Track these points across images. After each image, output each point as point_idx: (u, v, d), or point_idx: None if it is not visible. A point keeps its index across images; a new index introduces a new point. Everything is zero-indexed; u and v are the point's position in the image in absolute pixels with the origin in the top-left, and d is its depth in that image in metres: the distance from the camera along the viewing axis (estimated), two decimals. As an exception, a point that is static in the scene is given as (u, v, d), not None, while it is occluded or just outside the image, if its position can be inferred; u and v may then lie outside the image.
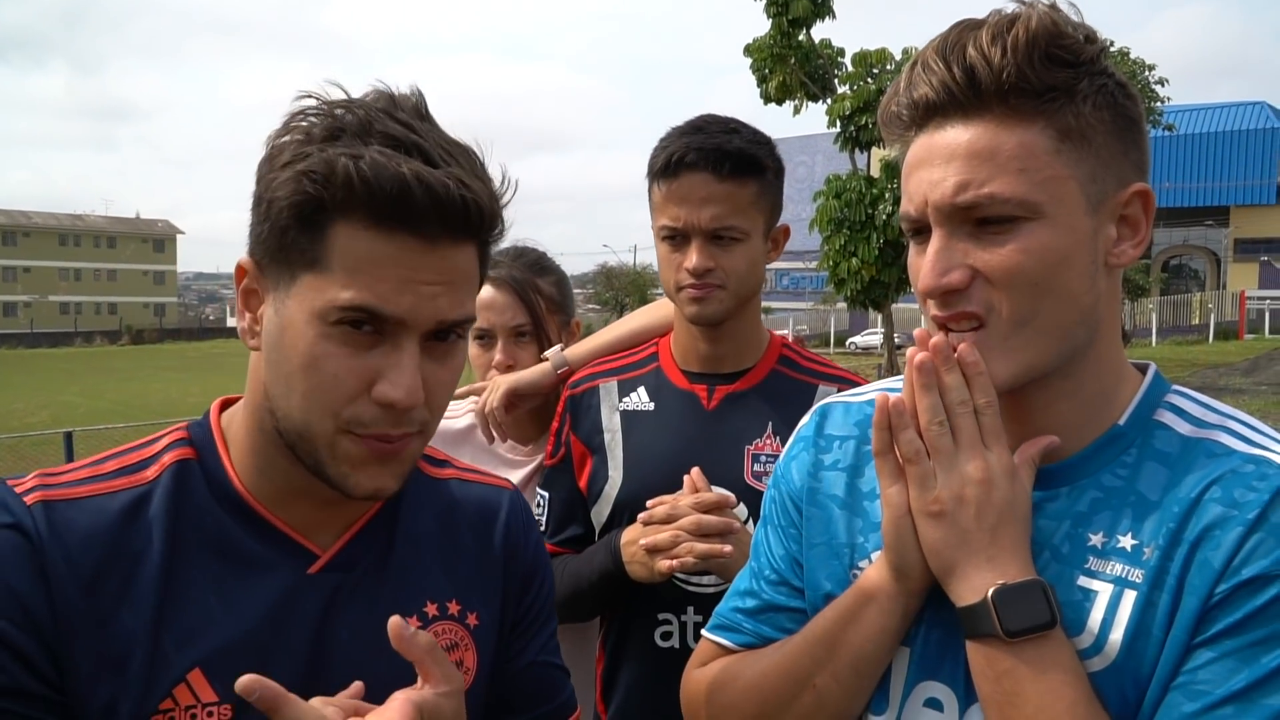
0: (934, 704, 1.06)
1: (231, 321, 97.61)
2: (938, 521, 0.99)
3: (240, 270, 1.04)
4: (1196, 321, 34.64)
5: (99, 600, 0.97)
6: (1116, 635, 0.95)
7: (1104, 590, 0.97)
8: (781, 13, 17.50)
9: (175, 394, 25.63)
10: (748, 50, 18.59)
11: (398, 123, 0.97)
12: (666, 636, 1.77)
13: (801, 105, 18.75)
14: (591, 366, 1.96)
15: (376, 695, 1.01)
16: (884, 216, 16.73)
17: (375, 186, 0.93)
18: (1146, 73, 23.80)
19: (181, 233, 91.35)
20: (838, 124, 17.81)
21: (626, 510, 1.76)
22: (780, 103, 18.66)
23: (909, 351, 1.03)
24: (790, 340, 1.95)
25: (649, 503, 1.66)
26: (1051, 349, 0.99)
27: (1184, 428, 1.02)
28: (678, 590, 1.72)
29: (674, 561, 1.58)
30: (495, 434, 2.00)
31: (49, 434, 14.09)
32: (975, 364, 0.99)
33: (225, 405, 1.14)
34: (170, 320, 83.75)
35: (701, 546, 1.57)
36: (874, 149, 18.04)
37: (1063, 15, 0.98)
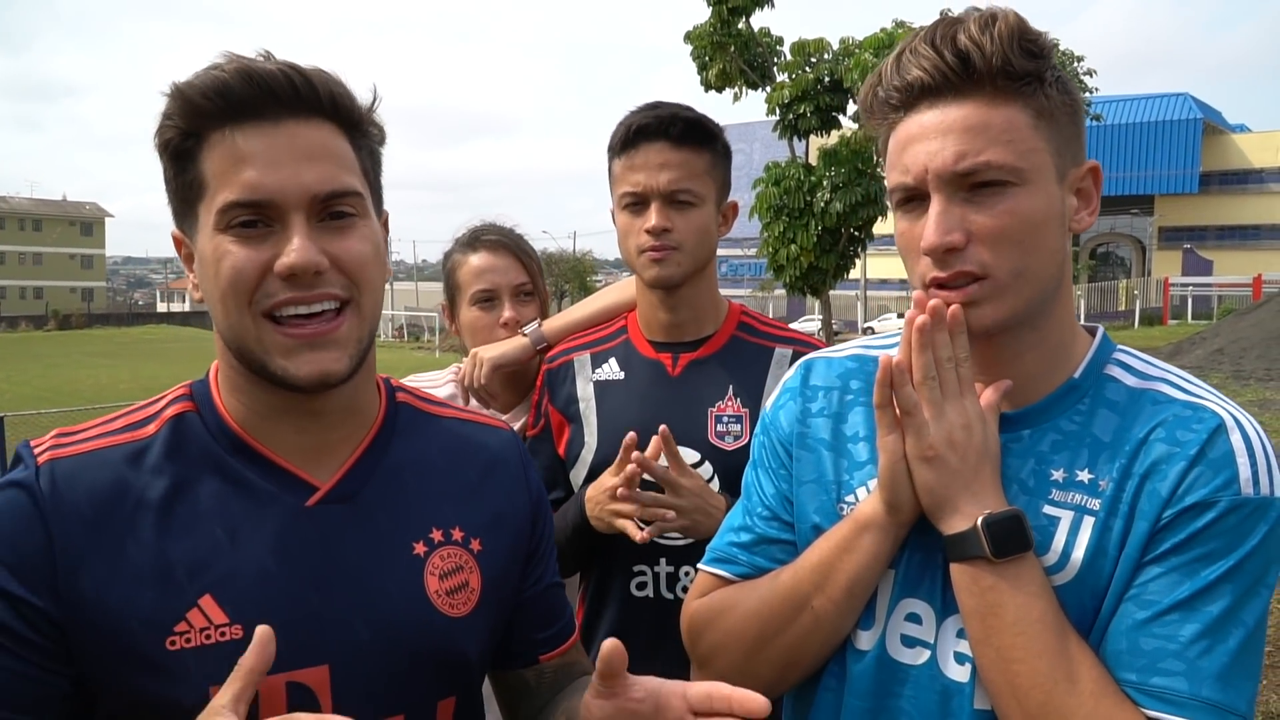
0: (914, 618, 1.20)
1: (162, 307, 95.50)
2: (931, 464, 1.13)
3: (175, 241, 1.16)
4: (1123, 308, 35.59)
5: (104, 540, 1.06)
6: (1078, 555, 1.11)
7: (1066, 517, 1.13)
8: (721, 1, 17.58)
9: (105, 380, 25.00)
10: (688, 38, 18.61)
11: (241, 58, 1.08)
12: (641, 586, 1.92)
13: (741, 93, 18.83)
14: (566, 342, 2.10)
15: (380, 617, 1.13)
16: (822, 204, 16.91)
17: (206, 91, 1.05)
18: (1076, 64, 24.34)
19: (111, 216, 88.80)
20: (776, 112, 17.93)
21: (601, 472, 1.89)
22: (720, 90, 18.72)
23: (909, 314, 1.15)
24: (748, 309, 2.08)
25: (611, 481, 1.78)
26: (1035, 296, 1.15)
27: (1130, 380, 1.20)
28: (650, 543, 1.86)
29: (645, 534, 1.74)
30: (482, 404, 2.15)
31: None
32: (961, 323, 1.13)
33: None
34: (99, 305, 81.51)
35: (655, 514, 1.72)
36: (812, 137, 18.20)
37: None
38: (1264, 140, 45.29)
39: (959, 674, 1.16)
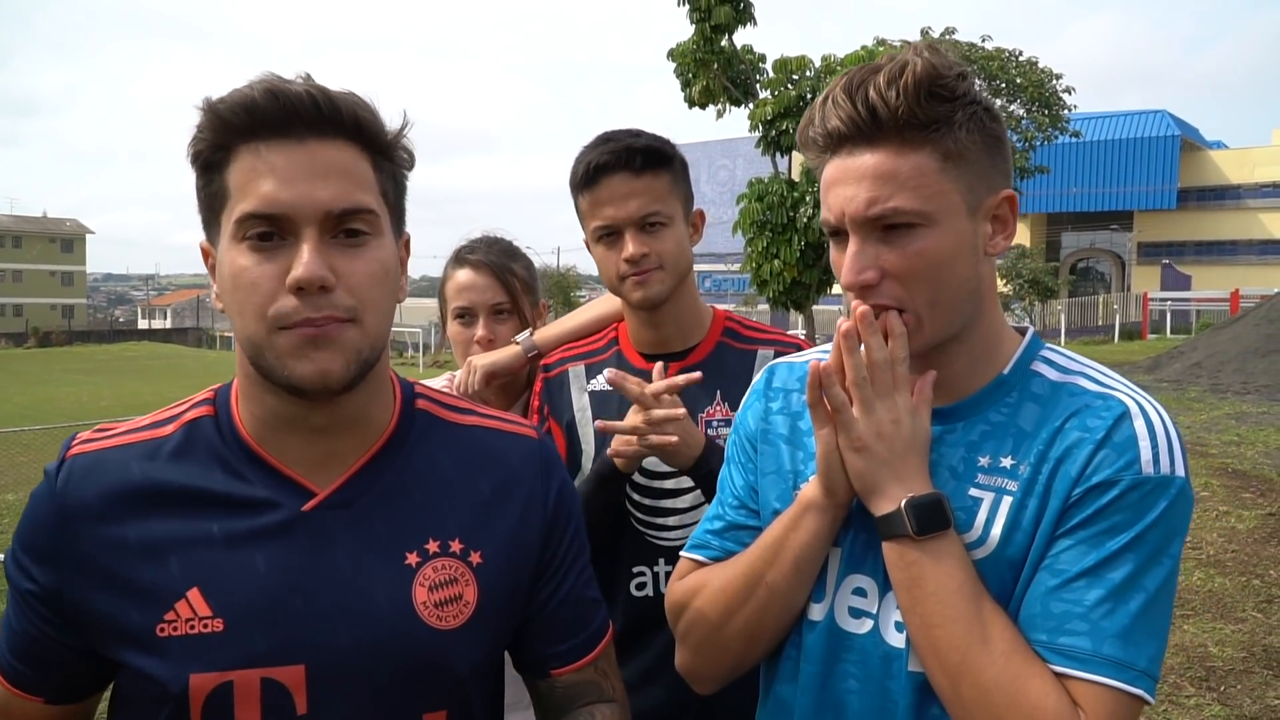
0: (860, 591, 1.34)
1: (143, 324, 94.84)
2: (860, 454, 1.26)
3: (203, 251, 1.21)
4: (1102, 322, 35.83)
5: (108, 530, 1.16)
6: (995, 531, 1.24)
7: (987, 498, 1.26)
8: (704, 19, 17.66)
9: (86, 397, 24.81)
10: (671, 55, 18.71)
11: (273, 77, 1.14)
12: (641, 587, 2.00)
13: (724, 109, 18.92)
14: (562, 352, 2.17)
15: (361, 624, 1.16)
16: (805, 219, 16.98)
17: (235, 107, 1.10)
18: (1054, 81, 24.58)
19: (91, 232, 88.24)
20: (759, 128, 18.02)
21: None
22: (703, 107, 18.81)
23: (839, 321, 1.28)
24: (733, 314, 2.15)
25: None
26: (952, 321, 1.27)
27: (1053, 374, 1.32)
28: (649, 545, 1.96)
29: (623, 459, 1.87)
30: None
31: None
32: (898, 329, 1.25)
33: None
34: (79, 322, 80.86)
35: (654, 438, 1.81)
36: (794, 153, 18.28)
37: (941, 58, 1.23)
38: (1241, 157, 45.69)
39: (897, 640, 1.28)
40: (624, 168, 1.93)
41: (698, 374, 1.87)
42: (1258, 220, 44.19)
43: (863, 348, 1.26)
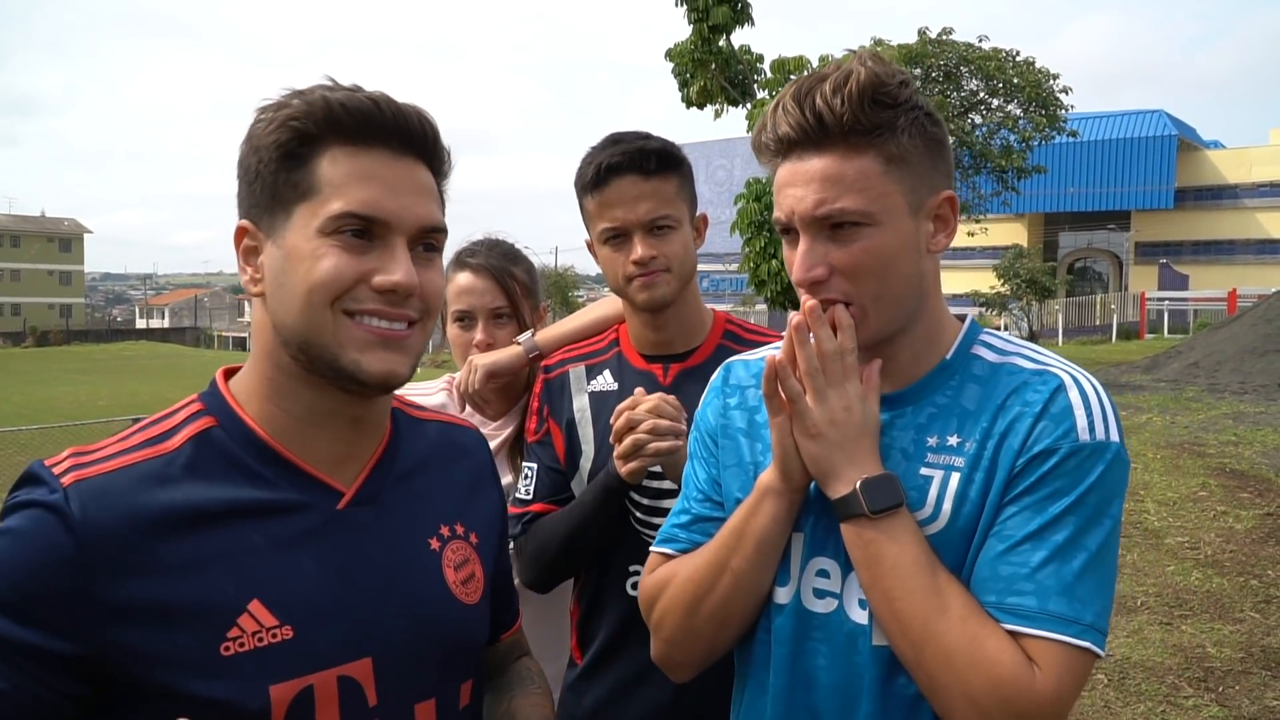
0: (823, 573, 1.40)
1: (141, 323, 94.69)
2: (815, 440, 1.32)
3: (240, 231, 1.20)
4: (1100, 322, 35.86)
5: (144, 557, 1.07)
6: (947, 505, 1.31)
7: (937, 475, 1.33)
8: (702, 19, 17.68)
9: (84, 397, 24.81)
10: (669, 55, 18.73)
11: (348, 87, 1.18)
12: (635, 585, 1.97)
13: (722, 109, 18.95)
14: (562, 353, 2.18)
15: (411, 609, 1.22)
16: (802, 219, 16.97)
17: (351, 109, 1.14)
18: (1051, 81, 24.57)
19: (89, 232, 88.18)
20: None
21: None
22: (701, 107, 18.84)
23: (790, 315, 1.34)
24: (733, 316, 2.16)
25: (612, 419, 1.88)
26: (896, 315, 1.35)
27: (991, 356, 1.40)
28: (645, 544, 1.91)
29: (636, 464, 1.83)
30: (477, 409, 2.26)
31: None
32: (845, 321, 1.32)
33: (227, 374, 1.27)
34: (77, 322, 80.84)
35: (658, 444, 1.82)
36: (792, 153, 18.24)
37: (884, 67, 1.30)
38: (1238, 156, 45.74)
39: (860, 617, 1.35)
40: (635, 170, 1.93)
41: (671, 397, 1.88)
42: (1255, 220, 44.25)
43: (812, 339, 1.32)
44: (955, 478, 1.32)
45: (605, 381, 2.09)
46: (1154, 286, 40.78)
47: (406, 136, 1.18)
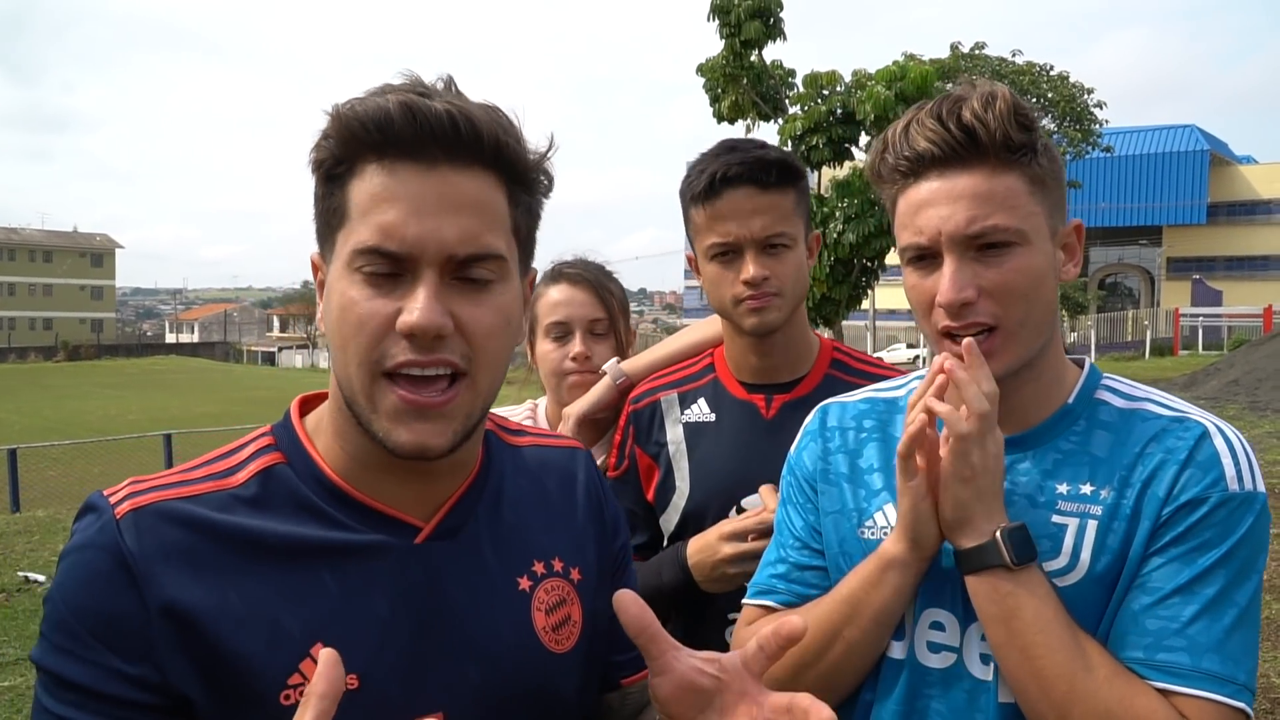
0: (938, 626, 1.34)
1: (171, 338, 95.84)
2: (968, 485, 1.24)
3: (313, 264, 1.10)
4: (1132, 338, 35.49)
5: (204, 591, 0.99)
6: (1085, 555, 1.25)
7: (1072, 524, 1.27)
8: (734, 34, 17.68)
9: (115, 411, 25.04)
10: (700, 70, 18.74)
11: (408, 81, 1.03)
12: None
13: (753, 125, 18.94)
14: (650, 381, 2.01)
15: (489, 657, 1.09)
16: (835, 235, 16.91)
17: (366, 119, 0.99)
18: (1086, 96, 24.40)
19: (121, 247, 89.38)
20: (789, 144, 17.97)
21: (693, 519, 1.82)
22: (732, 122, 18.83)
23: (941, 360, 1.27)
24: (841, 344, 1.99)
25: (730, 527, 1.73)
26: (1034, 343, 1.30)
27: (1119, 402, 1.35)
28: (743, 591, 1.79)
29: (726, 585, 1.72)
30: None
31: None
32: (982, 359, 1.25)
33: (304, 404, 1.17)
34: (108, 336, 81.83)
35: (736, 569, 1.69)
36: (824, 168, 18.23)
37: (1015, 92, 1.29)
38: (1271, 171, 45.36)
39: (983, 673, 1.29)
40: (751, 181, 1.75)
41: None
42: (1290, 235, 43.72)
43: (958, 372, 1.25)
44: (1092, 526, 1.26)
45: (701, 411, 1.92)
46: (1186, 302, 40.39)
47: (437, 143, 0.99)
